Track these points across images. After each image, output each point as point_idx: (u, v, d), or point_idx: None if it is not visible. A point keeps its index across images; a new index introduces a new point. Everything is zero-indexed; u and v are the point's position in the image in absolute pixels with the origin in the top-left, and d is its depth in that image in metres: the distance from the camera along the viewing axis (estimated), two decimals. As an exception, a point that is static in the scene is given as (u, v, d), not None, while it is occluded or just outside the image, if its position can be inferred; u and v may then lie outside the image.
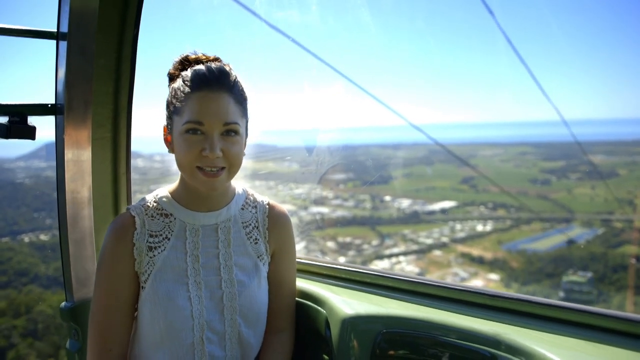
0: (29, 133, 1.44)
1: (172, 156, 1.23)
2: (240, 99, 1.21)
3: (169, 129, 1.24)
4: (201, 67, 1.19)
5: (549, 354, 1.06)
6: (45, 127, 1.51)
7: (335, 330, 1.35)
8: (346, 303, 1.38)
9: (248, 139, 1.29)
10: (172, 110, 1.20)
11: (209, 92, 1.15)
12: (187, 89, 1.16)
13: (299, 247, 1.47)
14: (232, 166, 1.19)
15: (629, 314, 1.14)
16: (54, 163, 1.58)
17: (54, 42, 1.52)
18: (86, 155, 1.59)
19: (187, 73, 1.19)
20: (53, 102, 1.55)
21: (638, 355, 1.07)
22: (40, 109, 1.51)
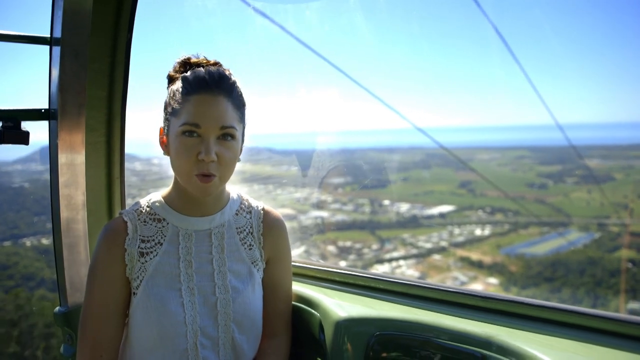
0: (23, 138, 1.44)
1: (169, 160, 1.23)
2: (238, 104, 1.21)
3: (165, 131, 1.24)
4: (201, 70, 1.19)
5: (539, 355, 1.06)
6: (41, 129, 1.51)
7: (328, 333, 1.35)
8: (339, 306, 1.39)
9: (244, 145, 1.29)
10: (170, 111, 1.20)
11: (207, 95, 1.16)
12: (185, 91, 1.17)
13: (299, 251, 1.47)
14: (225, 173, 1.19)
15: (620, 314, 1.15)
16: (51, 166, 1.59)
17: (47, 47, 1.52)
18: (80, 159, 1.59)
19: (187, 75, 1.19)
20: (47, 106, 1.55)
21: (629, 356, 1.08)
22: (34, 114, 1.51)
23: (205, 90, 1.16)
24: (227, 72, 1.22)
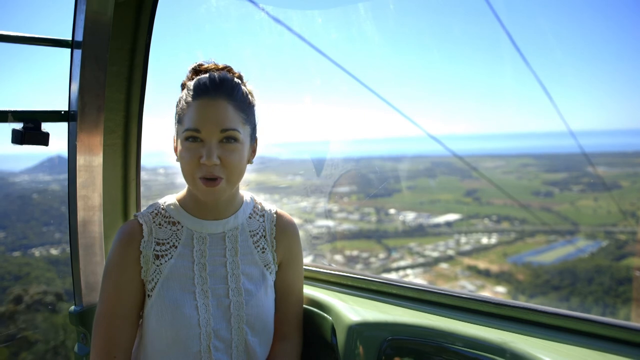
0: (43, 139, 1.46)
1: (176, 169, 1.24)
2: (242, 105, 1.21)
3: (175, 138, 1.26)
4: (205, 75, 1.20)
5: None
6: (52, 139, 1.52)
7: (341, 337, 1.35)
8: (352, 310, 1.39)
9: (257, 146, 1.30)
10: (177, 119, 1.23)
11: (207, 99, 1.17)
12: (188, 98, 1.19)
13: (307, 260, 1.48)
14: (231, 175, 1.19)
15: (635, 323, 1.14)
16: (60, 176, 1.60)
17: (68, 50, 1.55)
18: (97, 161, 1.61)
19: (191, 82, 1.21)
20: (66, 108, 1.58)
21: None
22: (54, 116, 1.54)
23: (206, 95, 1.17)
24: (231, 75, 1.23)
